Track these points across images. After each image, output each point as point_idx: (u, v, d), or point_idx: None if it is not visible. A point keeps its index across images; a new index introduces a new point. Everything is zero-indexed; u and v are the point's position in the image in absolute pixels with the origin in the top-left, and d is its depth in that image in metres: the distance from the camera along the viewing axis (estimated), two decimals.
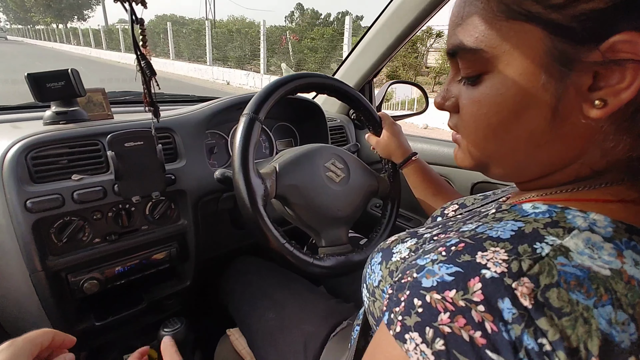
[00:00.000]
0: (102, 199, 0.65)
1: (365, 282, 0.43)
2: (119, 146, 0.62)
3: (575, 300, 0.23)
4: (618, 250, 0.25)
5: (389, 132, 0.76)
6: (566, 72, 0.26)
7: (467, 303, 0.24)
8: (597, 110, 0.26)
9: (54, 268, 0.64)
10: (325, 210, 0.67)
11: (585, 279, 0.24)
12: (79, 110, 0.71)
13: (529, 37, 0.27)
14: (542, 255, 0.25)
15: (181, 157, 0.76)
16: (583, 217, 0.27)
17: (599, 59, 0.25)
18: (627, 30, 0.23)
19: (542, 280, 0.24)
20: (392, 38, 0.96)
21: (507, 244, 0.26)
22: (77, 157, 0.65)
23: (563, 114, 0.27)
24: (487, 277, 0.24)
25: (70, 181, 0.63)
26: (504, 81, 0.29)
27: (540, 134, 0.29)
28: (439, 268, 0.27)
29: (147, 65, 0.47)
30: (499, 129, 0.31)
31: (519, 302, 0.23)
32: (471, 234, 0.29)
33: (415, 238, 0.40)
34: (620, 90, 0.25)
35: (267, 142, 1.01)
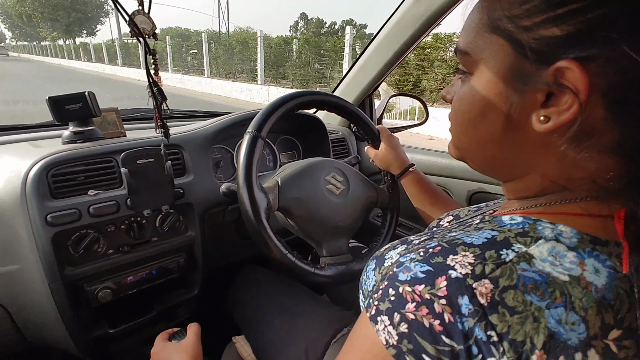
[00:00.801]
0: (116, 213, 0.69)
1: (361, 289, 0.46)
2: (132, 163, 0.67)
3: (529, 301, 0.26)
4: (580, 258, 0.28)
5: (386, 145, 0.79)
6: (522, 86, 0.30)
7: (431, 296, 0.28)
8: (540, 124, 0.29)
9: (71, 278, 0.68)
10: (326, 222, 0.71)
11: (542, 283, 0.27)
12: (94, 130, 0.76)
13: (501, 51, 0.31)
14: (506, 261, 0.28)
15: (189, 172, 0.80)
16: (551, 228, 0.30)
17: (547, 80, 0.28)
18: (569, 59, 0.26)
19: (501, 282, 0.27)
20: (390, 54, 1.00)
21: (477, 249, 0.30)
22: (93, 173, 0.69)
23: (516, 122, 0.31)
24: (452, 277, 0.28)
25: (87, 196, 0.67)
26: (477, 84, 0.33)
27: (498, 135, 0.33)
28: (415, 266, 0.30)
29: (159, 92, 0.52)
30: (470, 125, 0.36)
31: (477, 300, 0.26)
32: (449, 239, 0.33)
33: (405, 244, 0.42)
34: (562, 112, 0.28)
35: (271, 155, 1.05)
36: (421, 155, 1.06)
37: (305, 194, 0.69)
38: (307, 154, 1.11)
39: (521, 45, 0.29)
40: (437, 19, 0.85)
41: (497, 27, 0.30)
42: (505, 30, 0.30)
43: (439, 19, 0.86)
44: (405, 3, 0.89)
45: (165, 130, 0.57)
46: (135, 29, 0.46)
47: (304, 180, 0.70)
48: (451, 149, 0.41)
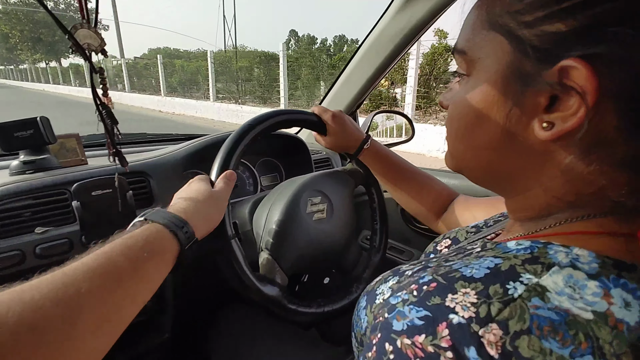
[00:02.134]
0: (68, 252, 0.61)
1: (354, 331, 0.40)
2: (85, 195, 0.59)
3: (548, 349, 0.21)
4: (605, 288, 0.23)
5: (332, 127, 0.67)
6: (523, 88, 0.27)
7: (435, 349, 0.23)
8: (542, 131, 0.26)
9: None
10: (333, 248, 0.67)
11: (561, 324, 0.22)
12: (48, 158, 0.68)
13: (499, 49, 0.28)
14: (514, 297, 0.24)
15: (156, 201, 0.73)
16: (565, 252, 0.26)
17: (551, 80, 0.25)
18: (575, 57, 0.23)
19: (511, 327, 0.22)
20: (373, 69, 0.96)
21: (478, 284, 0.25)
22: (42, 208, 0.61)
23: (516, 128, 0.28)
24: (454, 323, 0.24)
25: (34, 234, 0.59)
26: (474, 86, 0.30)
27: (496, 141, 0.30)
28: (410, 310, 0.26)
29: (107, 115, 0.45)
30: (466, 132, 0.33)
31: (485, 351, 0.22)
32: (445, 271, 0.28)
33: (397, 276, 0.38)
34: (567, 117, 0.25)
35: (251, 178, 0.99)
36: None
37: (302, 246, 0.62)
38: (290, 175, 1.04)
39: (522, 42, 0.26)
40: (416, 35, 0.83)
41: (496, 23, 0.28)
42: (505, 27, 0.27)
43: (419, 34, 0.83)
44: (384, 18, 0.86)
45: (120, 157, 0.50)
46: (76, 45, 0.40)
47: (292, 233, 0.62)
48: (447, 159, 0.38)
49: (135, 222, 0.41)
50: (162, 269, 0.38)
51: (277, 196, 0.66)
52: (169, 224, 0.40)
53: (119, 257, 0.33)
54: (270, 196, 0.68)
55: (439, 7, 0.74)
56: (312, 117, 0.68)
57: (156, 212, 0.42)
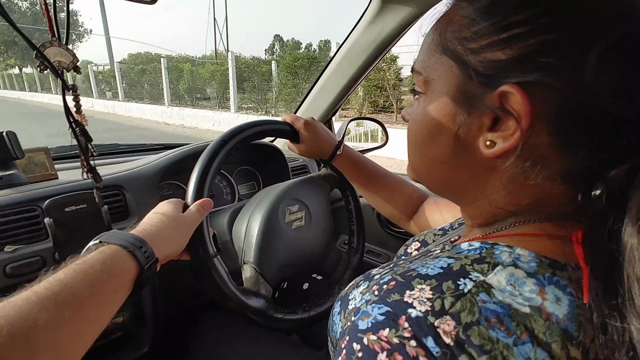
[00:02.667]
0: (40, 270, 0.59)
1: (330, 335, 0.42)
2: (58, 212, 0.58)
3: (495, 338, 0.24)
4: (540, 285, 0.26)
5: (305, 135, 0.68)
6: (469, 109, 0.29)
7: (400, 339, 0.25)
8: (486, 149, 0.29)
9: None
10: (314, 254, 0.68)
11: (505, 316, 0.25)
12: (15, 174, 0.66)
13: (450, 72, 0.31)
14: (465, 292, 0.26)
15: (132, 215, 0.72)
16: (509, 252, 0.28)
17: (492, 104, 0.28)
18: (512, 83, 0.26)
19: (463, 318, 0.25)
20: (347, 78, 0.99)
21: (433, 281, 0.27)
22: (11, 226, 0.59)
23: (464, 144, 0.31)
24: (412, 316, 0.25)
25: (3, 253, 0.57)
26: (429, 104, 0.33)
27: (447, 156, 0.33)
28: (372, 309, 0.27)
29: (82, 132, 0.45)
30: (422, 146, 0.35)
31: (442, 340, 0.24)
32: (404, 270, 0.30)
33: (367, 281, 0.39)
34: (506, 137, 0.28)
35: (229, 187, 0.99)
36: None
37: (284, 256, 0.63)
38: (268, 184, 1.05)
39: (468, 67, 0.29)
40: (388, 45, 0.86)
41: (447, 48, 0.31)
42: (454, 52, 0.30)
43: (390, 45, 0.87)
44: (357, 30, 0.89)
45: (94, 174, 0.50)
46: (46, 63, 0.40)
47: (273, 244, 0.63)
48: (408, 171, 0.40)
49: (89, 246, 0.39)
50: (120, 292, 0.37)
51: (255, 206, 0.67)
52: (125, 244, 0.38)
53: (75, 283, 0.32)
54: (249, 206, 0.68)
55: (408, 20, 0.78)
56: (283, 126, 0.68)
57: (111, 234, 0.40)
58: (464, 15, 0.30)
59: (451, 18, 0.31)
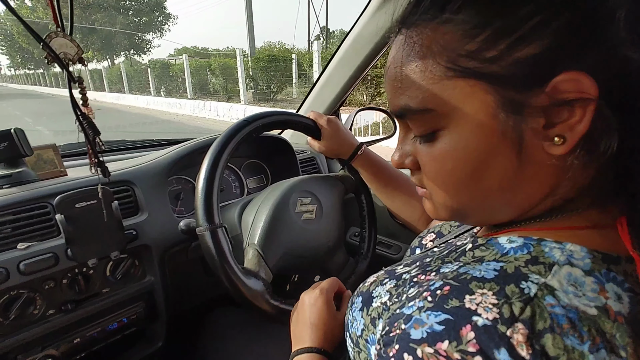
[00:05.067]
0: (54, 266, 0.59)
1: (348, 331, 0.40)
2: (69, 208, 0.58)
3: (570, 346, 0.22)
4: (600, 284, 0.24)
5: (327, 133, 0.69)
6: (519, 117, 0.26)
7: (462, 355, 0.22)
8: (557, 147, 0.26)
9: (1, 351, 0.57)
10: (319, 250, 0.66)
11: (576, 321, 0.22)
12: (25, 171, 0.66)
13: (475, 92, 0.27)
14: (531, 296, 0.24)
15: (142, 210, 0.71)
16: (560, 248, 0.26)
17: (546, 102, 0.25)
18: (568, 71, 0.24)
19: (536, 325, 0.22)
20: (353, 69, 0.97)
21: (493, 284, 0.25)
22: (23, 223, 0.59)
23: (528, 156, 0.27)
24: (479, 325, 0.23)
25: (16, 251, 0.57)
26: (462, 135, 0.28)
27: (510, 178, 0.28)
28: (427, 316, 0.25)
29: (89, 125, 0.45)
30: (470, 181, 0.30)
31: (516, 353, 0.21)
32: (454, 275, 0.28)
33: (394, 279, 0.37)
34: (574, 125, 0.25)
35: (237, 181, 0.98)
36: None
37: (289, 243, 0.62)
38: (276, 177, 1.05)
39: (496, 77, 0.26)
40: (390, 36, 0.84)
41: (457, 69, 0.27)
42: (470, 70, 0.26)
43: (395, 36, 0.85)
44: (362, 19, 0.88)
45: (103, 168, 0.49)
46: (51, 55, 0.39)
47: (279, 230, 0.62)
48: (438, 213, 0.35)
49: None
50: None
51: (266, 196, 0.66)
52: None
53: None
54: (260, 196, 0.68)
55: None
56: (307, 121, 0.70)
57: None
58: (454, 30, 0.27)
59: (431, 40, 0.28)
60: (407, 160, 0.35)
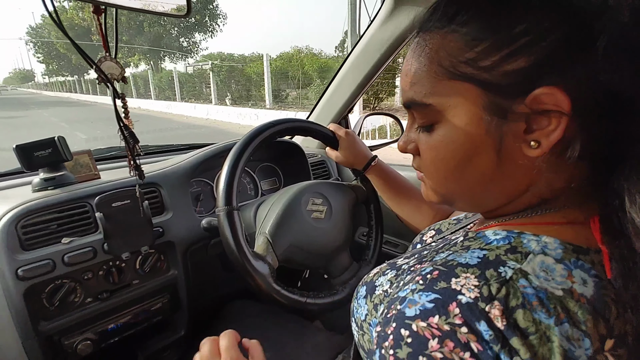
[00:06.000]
0: (93, 259, 0.66)
1: (354, 317, 0.45)
2: (107, 207, 0.65)
3: (538, 319, 0.26)
4: (568, 270, 0.28)
5: (344, 143, 0.76)
6: (502, 120, 0.30)
7: (451, 326, 0.26)
8: (533, 150, 0.30)
9: (46, 333, 0.64)
10: (324, 249, 0.71)
11: (544, 299, 0.26)
12: (66, 175, 0.74)
13: (468, 94, 0.31)
14: (507, 278, 0.28)
15: (168, 210, 0.78)
16: (536, 240, 0.30)
17: (526, 110, 0.29)
18: (546, 85, 0.27)
19: (510, 302, 0.26)
20: (361, 76, 1.03)
21: (475, 269, 0.29)
22: (66, 220, 0.67)
23: (506, 156, 0.31)
24: (463, 302, 0.27)
25: (60, 245, 0.64)
26: (453, 130, 0.33)
27: (490, 173, 0.33)
28: (419, 297, 0.29)
29: (130, 135, 0.51)
30: (456, 171, 0.35)
31: (494, 324, 0.25)
32: (442, 261, 0.32)
33: (394, 270, 0.42)
34: (549, 132, 0.29)
35: (252, 183, 1.05)
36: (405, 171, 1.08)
37: (297, 236, 0.68)
38: (288, 179, 1.11)
39: (488, 84, 0.30)
40: (400, 44, 0.89)
41: (456, 73, 0.31)
42: (466, 75, 0.30)
43: (402, 44, 0.90)
44: (371, 29, 0.93)
45: (139, 172, 0.56)
46: (102, 76, 0.46)
47: (289, 222, 0.68)
48: (429, 196, 0.40)
49: None
50: None
51: (280, 194, 0.73)
52: None
53: None
54: (274, 195, 0.74)
55: None
56: (327, 131, 0.77)
57: None
58: (458, 39, 0.31)
59: (442, 46, 0.32)
60: (410, 145, 0.39)
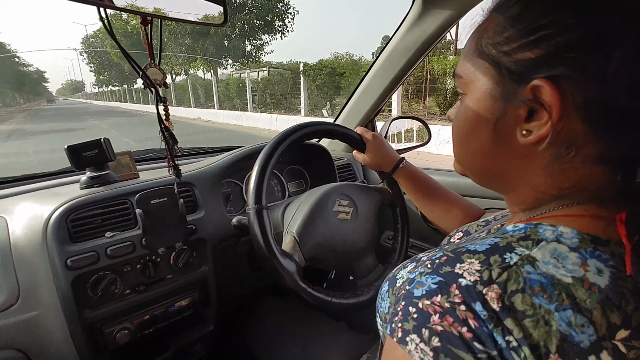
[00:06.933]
0: (132, 253, 0.71)
1: (378, 312, 0.46)
2: (146, 204, 0.69)
3: (537, 303, 0.27)
4: (582, 259, 0.29)
5: (371, 146, 0.77)
6: (507, 102, 0.33)
7: (451, 304, 0.28)
8: (523, 138, 0.33)
9: (89, 320, 0.69)
10: (350, 250, 0.72)
11: (548, 285, 0.28)
12: (109, 174, 0.79)
13: (486, 73, 0.34)
14: (510, 264, 0.29)
15: (200, 208, 0.82)
16: (552, 230, 0.31)
17: (526, 97, 0.31)
18: (541, 77, 0.29)
19: (509, 287, 0.28)
20: (388, 81, 1.04)
21: (481, 255, 0.31)
22: (109, 215, 0.72)
23: (501, 135, 0.35)
24: (462, 285, 0.29)
25: (104, 238, 0.69)
26: (469, 103, 0.37)
27: (488, 147, 0.36)
28: (426, 279, 0.31)
29: (170, 136, 0.55)
30: (464, 140, 0.40)
31: (489, 306, 0.27)
32: (452, 248, 0.34)
33: (414, 262, 0.43)
34: (541, 126, 0.31)
35: (279, 185, 1.07)
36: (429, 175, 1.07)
37: (323, 236, 0.69)
38: (315, 181, 1.13)
39: (502, 67, 0.33)
40: (427, 48, 0.90)
41: (483, 52, 0.35)
42: (489, 55, 0.34)
43: (429, 48, 0.90)
44: (398, 33, 0.94)
45: (177, 171, 0.60)
46: (147, 81, 0.50)
47: (316, 222, 0.70)
48: (455, 165, 0.44)
49: None
50: None
51: (308, 195, 0.75)
52: None
53: None
54: (302, 196, 0.76)
55: (448, 23, 0.81)
56: (354, 134, 0.79)
57: None
58: (497, 23, 0.34)
59: (486, 27, 0.35)
60: (452, 115, 0.43)
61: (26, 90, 55.79)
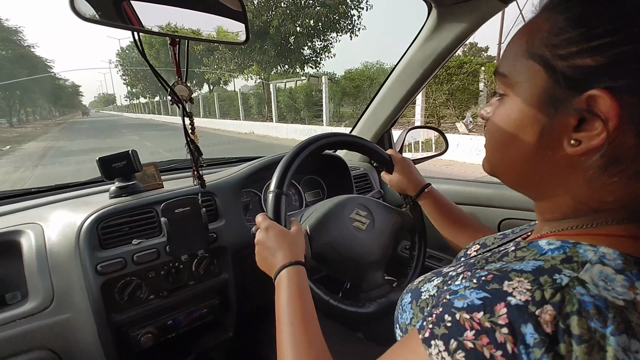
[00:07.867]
0: (156, 260, 0.74)
1: (398, 322, 0.46)
2: (171, 213, 0.72)
3: (593, 328, 0.25)
4: (630, 281, 0.28)
5: (399, 168, 0.79)
6: (556, 110, 0.31)
7: (492, 325, 0.27)
8: (571, 147, 0.31)
9: (117, 324, 0.72)
10: (359, 259, 0.72)
11: (602, 309, 0.26)
12: (136, 184, 0.83)
13: (536, 76, 0.33)
14: (562, 285, 0.28)
15: (221, 217, 0.85)
16: (593, 250, 0.30)
17: (579, 106, 0.30)
18: (601, 88, 0.28)
19: (564, 308, 0.26)
20: (404, 92, 1.05)
21: (529, 274, 0.29)
22: (136, 224, 0.76)
23: (547, 143, 0.33)
24: (512, 304, 0.27)
25: (131, 245, 0.73)
26: (512, 105, 0.35)
27: (528, 154, 0.35)
28: (470, 293, 0.30)
29: (195, 148, 0.58)
30: (502, 144, 0.37)
31: (542, 329, 0.26)
32: (497, 268, 0.32)
33: (440, 277, 0.43)
34: (592, 137, 0.29)
35: (297, 195, 1.09)
36: (446, 185, 1.07)
37: (335, 237, 0.70)
38: (332, 191, 1.14)
39: (555, 72, 0.31)
40: (442, 60, 0.91)
41: (535, 53, 0.33)
42: (542, 57, 0.32)
43: (444, 60, 0.91)
44: (414, 46, 0.95)
45: (202, 181, 0.63)
46: (175, 97, 0.53)
47: (331, 223, 0.71)
48: (485, 164, 0.43)
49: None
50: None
51: (328, 200, 0.76)
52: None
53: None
54: (321, 202, 0.78)
55: (463, 35, 0.82)
56: (385, 155, 0.80)
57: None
58: (553, 24, 0.31)
59: (539, 26, 0.33)
60: (487, 110, 0.41)
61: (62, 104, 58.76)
